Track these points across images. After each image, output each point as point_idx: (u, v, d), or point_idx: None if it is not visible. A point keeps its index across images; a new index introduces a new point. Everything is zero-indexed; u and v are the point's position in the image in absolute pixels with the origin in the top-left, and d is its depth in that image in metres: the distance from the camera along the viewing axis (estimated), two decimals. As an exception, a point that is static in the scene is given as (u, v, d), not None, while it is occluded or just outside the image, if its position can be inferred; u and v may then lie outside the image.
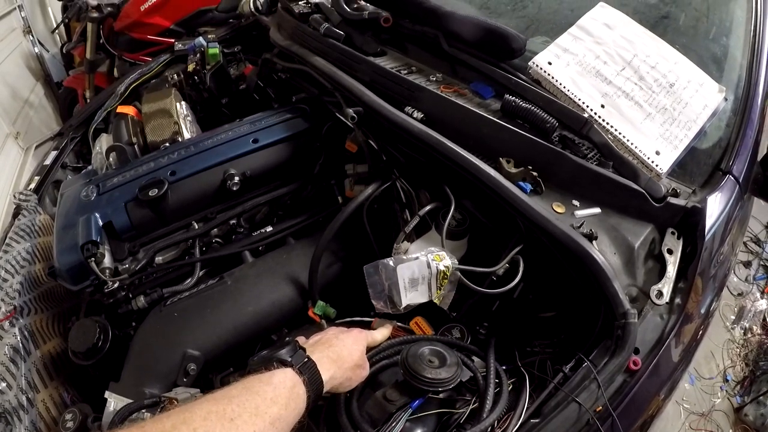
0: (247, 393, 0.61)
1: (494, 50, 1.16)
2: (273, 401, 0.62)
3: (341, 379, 0.76)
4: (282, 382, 0.65)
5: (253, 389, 0.63)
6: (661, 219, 0.99)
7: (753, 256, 3.18)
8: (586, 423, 0.78)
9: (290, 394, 0.65)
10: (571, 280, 0.92)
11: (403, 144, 1.10)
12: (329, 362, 0.75)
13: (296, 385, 0.67)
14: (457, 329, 0.98)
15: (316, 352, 0.75)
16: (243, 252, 1.22)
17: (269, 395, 0.62)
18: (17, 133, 3.07)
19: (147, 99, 1.50)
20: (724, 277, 1.17)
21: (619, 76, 1.14)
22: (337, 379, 0.75)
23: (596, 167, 0.98)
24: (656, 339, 0.88)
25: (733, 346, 2.71)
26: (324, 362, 0.74)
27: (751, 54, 1.35)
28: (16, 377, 0.99)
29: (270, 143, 1.30)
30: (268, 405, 0.61)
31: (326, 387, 0.73)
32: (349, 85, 1.18)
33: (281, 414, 0.62)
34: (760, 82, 1.31)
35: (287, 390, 0.65)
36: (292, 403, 0.64)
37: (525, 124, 1.04)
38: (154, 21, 2.52)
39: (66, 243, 1.12)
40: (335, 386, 0.76)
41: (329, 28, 1.33)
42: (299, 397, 0.66)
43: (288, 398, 0.64)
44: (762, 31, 1.39)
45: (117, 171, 1.28)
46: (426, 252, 0.89)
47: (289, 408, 0.63)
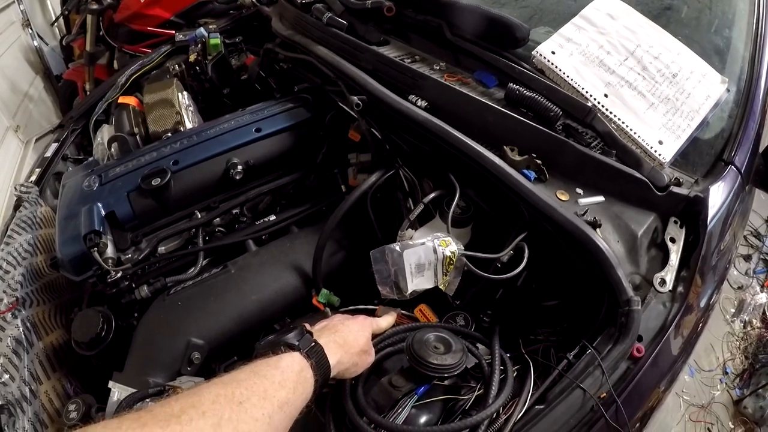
0: (255, 377, 0.61)
1: (498, 39, 1.16)
2: (281, 385, 0.62)
3: (348, 364, 0.76)
4: (290, 366, 0.65)
5: (260, 373, 0.62)
6: (663, 208, 1.00)
7: (753, 250, 3.19)
8: (591, 409, 0.78)
9: (298, 378, 0.65)
10: (574, 267, 0.92)
11: (406, 132, 1.10)
12: (336, 347, 0.75)
13: (304, 369, 0.67)
14: (461, 317, 0.98)
15: (323, 337, 0.75)
16: (246, 241, 1.22)
17: (277, 379, 0.62)
18: (17, 127, 3.06)
19: (148, 89, 1.50)
20: (725, 269, 1.17)
21: (623, 66, 1.14)
22: (344, 364, 0.75)
23: (600, 156, 0.99)
24: (659, 326, 0.89)
25: (733, 339, 2.72)
26: (331, 347, 0.73)
27: (753, 46, 1.35)
28: (19, 369, 0.99)
29: (273, 132, 1.30)
30: (276, 389, 0.61)
31: (333, 372, 0.73)
32: (352, 74, 1.18)
33: (289, 398, 0.62)
34: (762, 74, 1.31)
35: (295, 374, 0.65)
36: (299, 387, 0.64)
37: (529, 113, 1.03)
38: (154, 12, 2.50)
39: (68, 233, 1.12)
40: (342, 371, 0.76)
41: (332, 18, 1.32)
42: (307, 381, 0.66)
43: (296, 382, 0.64)
44: (764, 22, 1.39)
45: (119, 161, 1.27)
46: (432, 237, 0.88)
47: (297, 392, 0.63)
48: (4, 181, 2.77)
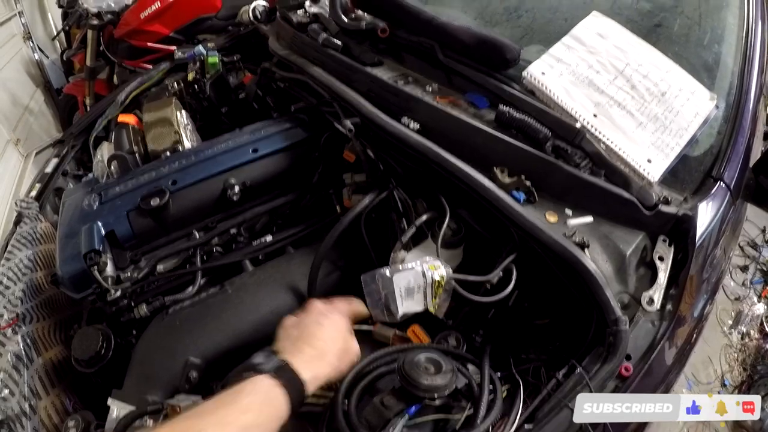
0: (218, 406, 0.64)
1: (489, 60, 1.17)
2: (245, 409, 0.64)
3: (329, 371, 0.79)
4: (255, 390, 0.68)
5: (225, 401, 0.65)
6: (652, 227, 1.01)
7: (750, 261, 3.19)
8: (579, 428, 0.80)
9: (264, 399, 0.67)
10: (564, 288, 0.93)
11: (400, 154, 1.12)
12: (309, 360, 0.77)
13: (271, 391, 0.69)
14: (453, 336, 0.99)
15: (295, 353, 0.77)
16: (243, 261, 1.24)
17: (242, 404, 0.65)
18: (17, 140, 3.09)
19: (148, 108, 1.52)
20: (717, 281, 1.18)
21: (612, 86, 1.15)
22: (323, 374, 0.78)
23: (588, 176, 1.00)
24: (648, 345, 0.90)
25: (731, 351, 2.70)
26: (304, 361, 0.76)
27: (742, 61, 1.35)
28: (19, 384, 1.00)
29: (269, 153, 1.32)
30: (238, 414, 0.63)
31: (312, 386, 0.75)
32: (347, 96, 1.20)
33: (256, 421, 0.64)
34: (751, 89, 1.31)
35: (261, 396, 0.67)
36: (267, 409, 0.67)
37: (519, 134, 1.05)
38: (153, 29, 2.54)
39: (69, 251, 1.14)
40: (325, 380, 0.78)
41: (327, 38, 1.34)
42: (276, 400, 0.68)
43: (262, 404, 0.66)
44: (753, 38, 1.40)
45: (119, 180, 1.30)
46: (421, 261, 0.90)
47: (264, 414, 0.66)
48: (5, 194, 2.79)
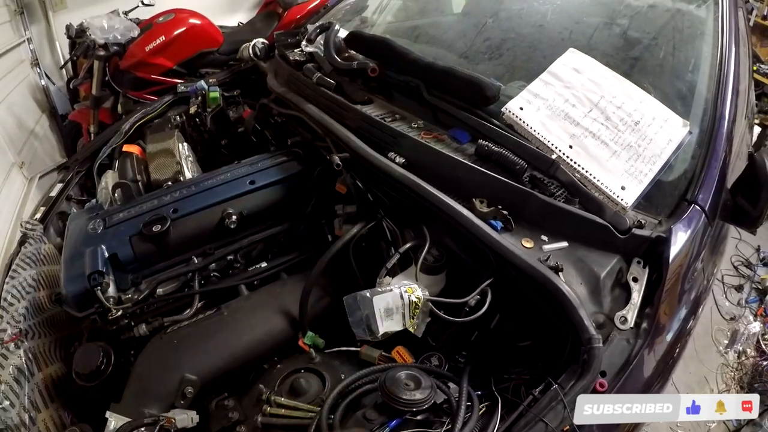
0: None
1: (470, 98, 1.25)
2: None
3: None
4: None
5: None
6: (626, 249, 1.04)
7: (744, 280, 3.19)
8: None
9: None
10: (541, 309, 0.98)
11: (387, 186, 1.19)
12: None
13: None
14: (436, 357, 1.04)
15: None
16: (239, 285, 1.30)
17: None
18: (22, 163, 3.12)
19: (151, 139, 1.60)
20: (698, 296, 1.19)
21: (587, 118, 1.19)
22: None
23: (562, 204, 1.05)
24: (623, 362, 0.93)
25: (727, 370, 2.68)
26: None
27: (716, 87, 1.37)
28: (20, 396, 1.04)
29: (266, 185, 1.40)
30: None
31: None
32: (338, 132, 1.28)
33: None
34: (725, 114, 1.32)
35: None
36: None
37: (497, 167, 1.12)
38: (158, 61, 2.64)
39: (73, 272, 1.20)
40: None
41: (321, 78, 1.43)
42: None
43: None
44: (726, 64, 1.42)
45: (122, 206, 1.37)
46: (400, 285, 0.97)
47: None
48: (8, 216, 2.81)
